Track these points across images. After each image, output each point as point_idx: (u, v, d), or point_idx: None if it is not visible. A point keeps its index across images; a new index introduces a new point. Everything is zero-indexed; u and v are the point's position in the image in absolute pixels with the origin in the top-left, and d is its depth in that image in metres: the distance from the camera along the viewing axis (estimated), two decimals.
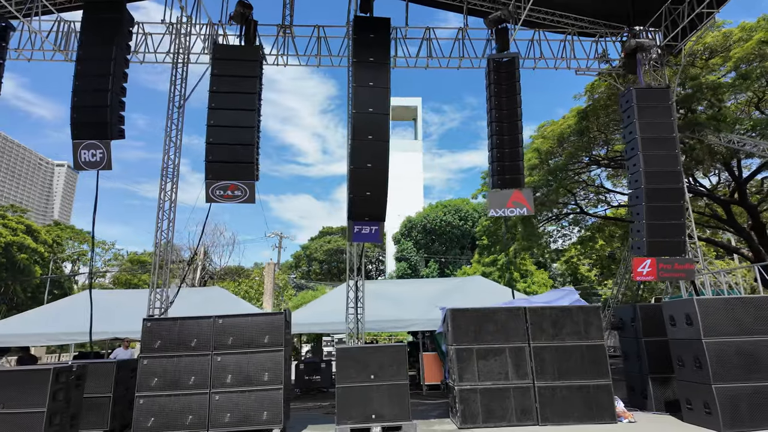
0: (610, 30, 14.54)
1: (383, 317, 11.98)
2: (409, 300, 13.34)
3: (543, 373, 7.77)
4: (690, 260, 8.90)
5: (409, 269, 57.81)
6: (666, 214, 8.74)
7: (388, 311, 12.29)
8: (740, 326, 7.09)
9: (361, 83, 8.94)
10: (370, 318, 12.61)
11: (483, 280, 14.89)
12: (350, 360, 7.68)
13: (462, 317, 8.01)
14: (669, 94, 9.41)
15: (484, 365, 7.83)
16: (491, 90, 9.48)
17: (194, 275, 31.17)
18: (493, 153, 9.15)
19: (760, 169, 15.72)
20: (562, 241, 29.34)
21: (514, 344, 7.90)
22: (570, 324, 7.98)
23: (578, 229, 27.18)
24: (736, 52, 12.51)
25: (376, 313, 12.42)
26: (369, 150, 8.72)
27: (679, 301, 7.64)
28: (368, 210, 8.95)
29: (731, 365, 6.94)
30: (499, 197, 9.04)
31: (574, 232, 27.97)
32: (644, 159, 8.82)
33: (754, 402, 6.80)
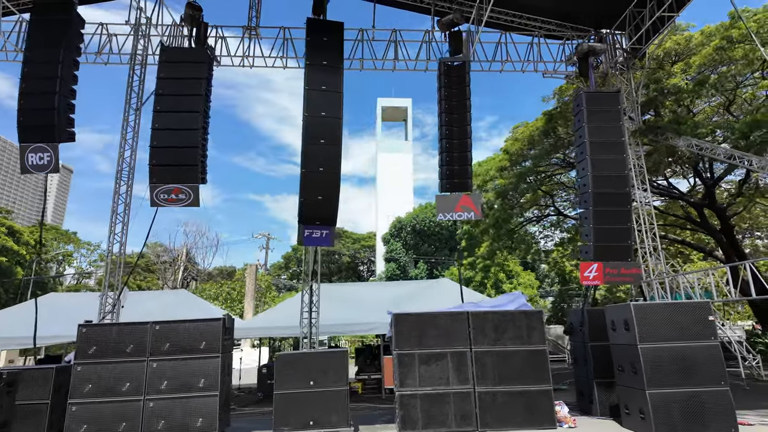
0: (578, 33, 14.57)
1: (344, 320, 11.94)
2: (373, 302, 13.30)
3: (484, 378, 7.75)
4: (637, 264, 8.91)
5: (398, 270, 57.82)
6: (613, 219, 8.75)
7: (350, 314, 12.25)
8: (677, 331, 7.09)
9: (313, 86, 8.90)
10: (331, 321, 12.57)
11: (450, 283, 14.87)
12: (290, 366, 7.63)
13: (404, 322, 7.97)
14: (619, 98, 9.42)
15: (425, 370, 7.80)
16: (441, 93, 9.46)
17: (175, 276, 31.02)
18: (443, 157, 9.13)
19: (727, 173, 15.80)
20: (544, 242, 29.43)
21: (456, 349, 7.87)
22: (512, 329, 7.96)
23: (559, 231, 27.29)
24: (695, 60, 12.55)
25: (337, 316, 12.39)
26: (321, 154, 8.68)
27: (619, 306, 7.64)
28: (319, 214, 8.90)
29: (666, 371, 6.93)
30: (447, 201, 9.02)
31: (556, 233, 28.08)
32: (592, 163, 8.82)
33: (689, 408, 6.80)
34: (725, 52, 11.84)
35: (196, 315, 12.66)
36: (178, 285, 31.26)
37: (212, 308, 14.76)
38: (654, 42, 13.44)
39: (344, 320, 11.77)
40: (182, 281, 31.68)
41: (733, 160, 10.76)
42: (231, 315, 8.13)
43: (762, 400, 9.50)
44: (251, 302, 27.99)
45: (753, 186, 19.60)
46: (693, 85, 12.37)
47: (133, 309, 11.95)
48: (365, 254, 69.40)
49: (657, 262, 12.64)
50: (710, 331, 7.07)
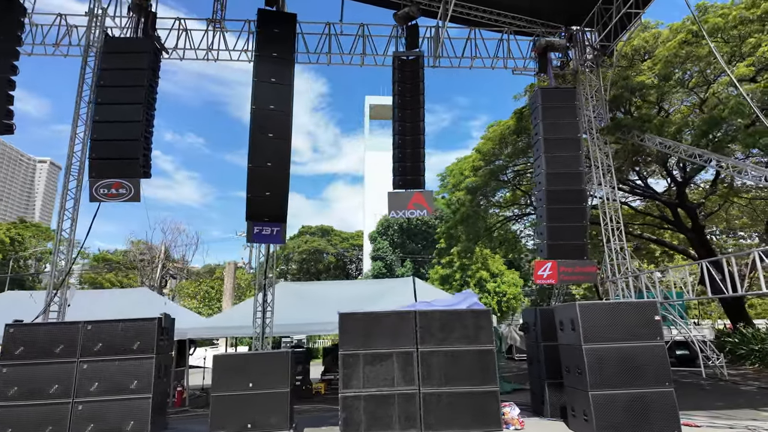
0: (548, 29, 14.41)
1: (304, 320, 11.71)
2: (339, 301, 13.05)
3: (429, 378, 7.54)
4: (592, 263, 8.76)
5: (384, 268, 57.63)
6: (567, 217, 8.59)
7: (311, 313, 12.00)
8: (622, 331, 6.95)
9: (262, 78, 8.66)
10: (290, 321, 12.33)
11: (418, 282, 14.67)
12: (228, 367, 7.39)
13: (350, 322, 7.75)
14: (575, 95, 9.26)
15: (370, 371, 7.58)
16: (395, 89, 9.24)
17: (153, 275, 30.57)
18: (395, 153, 8.92)
19: (696, 172, 15.76)
20: (525, 241, 29.35)
21: (402, 349, 7.66)
22: (460, 328, 7.76)
23: None
24: (660, 52, 12.43)
25: (298, 315, 12.16)
26: (269, 148, 8.45)
27: (566, 305, 7.48)
28: (267, 210, 8.67)
29: (610, 372, 6.79)
30: (399, 199, 8.81)
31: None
32: (546, 161, 8.65)
33: (632, 410, 6.66)
34: (690, 47, 11.73)
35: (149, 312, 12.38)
36: (156, 283, 30.80)
37: (179, 308, 14.45)
38: (622, 39, 13.34)
39: (304, 320, 11.54)
40: (161, 279, 31.21)
41: (694, 158, 10.68)
42: (169, 315, 7.86)
43: (718, 401, 9.43)
44: (230, 301, 27.63)
45: (728, 185, 19.67)
46: (657, 81, 12.26)
47: (87, 308, 11.62)
48: (354, 253, 69.10)
49: (623, 260, 12.55)
50: (656, 331, 6.94)
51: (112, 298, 13.81)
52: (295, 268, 66.59)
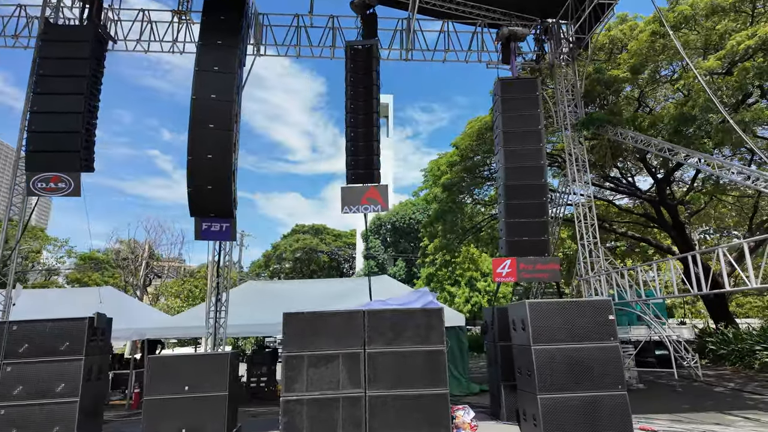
0: (522, 22, 14.05)
1: (264, 320, 11.37)
2: (308, 300, 12.74)
3: (377, 381, 7.19)
4: (554, 260, 8.42)
5: (376, 267, 57.26)
6: (528, 212, 8.26)
7: (273, 313, 11.61)
8: (575, 331, 6.62)
9: (204, 67, 8.29)
10: (253, 321, 11.98)
11: (390, 280, 14.35)
12: (164, 370, 7.03)
13: (295, 321, 7.40)
14: (536, 85, 8.91)
15: (314, 373, 7.22)
16: (347, 79, 8.88)
17: (136, 273, 30.16)
18: (348, 146, 8.55)
19: (675, 169, 15.45)
20: None
21: (349, 350, 7.31)
22: (411, 328, 7.41)
23: None
24: (632, 45, 12.10)
25: (261, 315, 11.82)
26: (210, 140, 8.08)
27: (518, 303, 7.15)
28: (212, 205, 8.31)
29: (561, 374, 6.46)
30: (353, 194, 8.45)
31: None
32: (505, 154, 8.30)
33: (583, 414, 6.33)
34: (664, 39, 11.39)
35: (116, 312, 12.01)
36: (140, 282, 30.40)
37: (142, 308, 14.08)
38: (596, 31, 13.00)
39: (265, 320, 11.20)
40: (144, 278, 30.82)
41: (664, 153, 10.35)
42: (105, 314, 7.50)
43: (686, 403, 9.11)
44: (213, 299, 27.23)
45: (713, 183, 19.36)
46: (630, 73, 11.93)
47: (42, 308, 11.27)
48: (348, 251, 68.76)
49: (597, 258, 12.23)
50: (610, 331, 6.61)
51: (73, 297, 13.43)
52: (288, 267, 66.22)
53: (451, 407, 7.89)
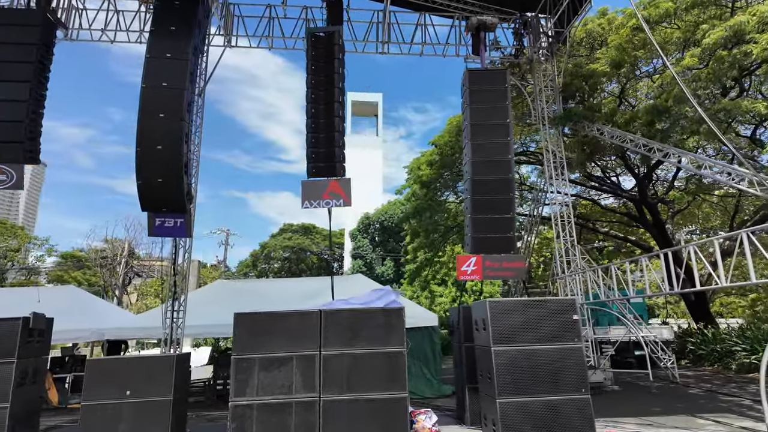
0: (501, 15, 13.74)
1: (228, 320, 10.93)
2: (275, 299, 12.32)
3: (332, 384, 6.82)
4: (520, 258, 8.11)
5: (364, 267, 56.85)
6: (494, 208, 7.94)
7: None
8: (537, 332, 6.30)
9: (156, 54, 7.86)
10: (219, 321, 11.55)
11: (364, 279, 14.01)
12: (104, 373, 6.62)
13: (246, 322, 7.02)
14: (506, 77, 8.60)
15: (266, 377, 6.84)
16: (308, 67, 8.50)
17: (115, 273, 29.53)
18: (308, 138, 8.17)
19: (655, 167, 15.25)
20: None
21: (303, 352, 6.94)
22: (370, 329, 7.04)
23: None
24: (612, 39, 11.86)
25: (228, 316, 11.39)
26: (160, 130, 7.66)
27: (480, 302, 6.82)
28: (163, 199, 7.88)
29: (521, 377, 6.13)
30: (314, 188, 8.08)
31: None
32: (472, 148, 7.98)
33: (544, 419, 6.01)
34: (643, 33, 11.13)
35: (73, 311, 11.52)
36: (119, 282, 29.76)
37: (106, 307, 13.58)
38: (574, 24, 12.74)
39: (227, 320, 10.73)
40: (124, 277, 30.17)
41: (639, 148, 10.11)
42: (43, 315, 7.05)
43: (658, 405, 8.85)
44: None
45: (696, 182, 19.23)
46: (609, 68, 11.70)
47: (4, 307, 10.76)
48: (338, 251, 68.24)
49: (574, 257, 11.97)
50: (573, 332, 6.30)
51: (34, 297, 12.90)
52: (276, 267, 65.66)
53: (413, 411, 7.57)
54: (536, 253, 30.61)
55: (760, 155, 17.00)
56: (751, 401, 8.89)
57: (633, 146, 10.14)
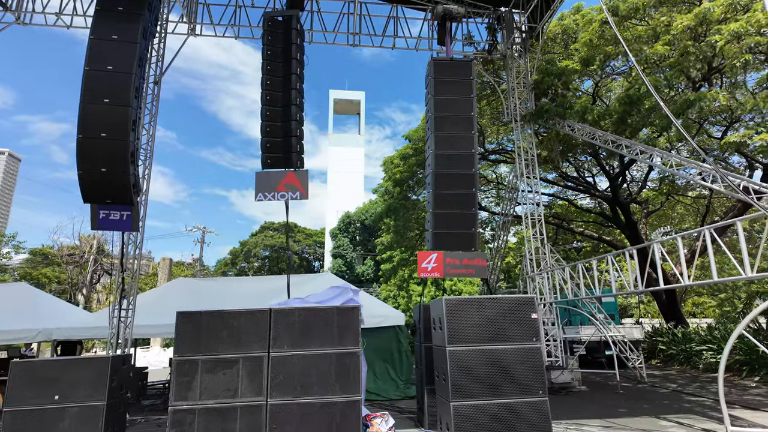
0: (475, 10, 13.55)
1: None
2: (234, 298, 11.87)
3: (281, 387, 6.43)
4: (482, 255, 7.85)
5: (344, 266, 56.51)
6: (456, 203, 7.65)
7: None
8: (494, 331, 6.02)
9: (101, 35, 7.39)
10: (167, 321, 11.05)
11: (332, 278, 13.62)
12: (30, 376, 6.12)
13: (189, 322, 6.57)
14: (471, 69, 8.34)
15: (210, 380, 6.41)
16: (264, 52, 8.09)
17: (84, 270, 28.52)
18: (263, 126, 7.76)
19: (627, 166, 15.24)
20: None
21: (250, 353, 6.53)
22: (323, 328, 6.67)
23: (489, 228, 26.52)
24: (583, 36, 11.75)
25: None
26: (105, 116, 7.17)
27: (437, 300, 6.52)
28: (107, 190, 7.39)
29: (476, 378, 5.84)
30: (268, 179, 7.67)
31: (487, 230, 27.30)
32: (436, 140, 7.68)
33: (498, 422, 5.74)
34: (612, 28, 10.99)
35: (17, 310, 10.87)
36: (86, 280, 28.75)
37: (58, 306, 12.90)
38: (547, 20, 12.59)
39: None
40: (92, 275, 29.16)
41: (607, 144, 9.97)
42: None
43: (623, 407, 8.69)
44: None
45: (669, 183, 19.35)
46: (581, 64, 11.57)
47: None
48: (320, 250, 67.75)
49: (543, 255, 11.80)
50: (532, 331, 6.04)
51: None
52: (257, 265, 64.82)
53: (368, 415, 7.24)
54: (515, 252, 30.68)
55: (731, 156, 17.15)
56: (712, 401, 8.81)
57: (602, 142, 10.00)
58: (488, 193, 23.23)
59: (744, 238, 6.04)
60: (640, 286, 7.66)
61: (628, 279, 8.35)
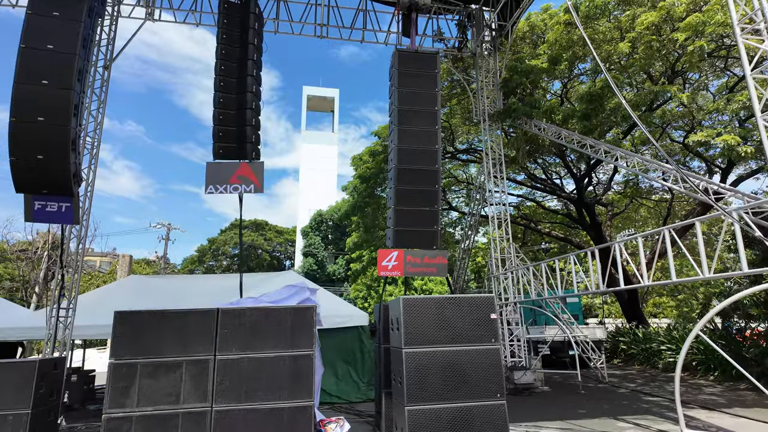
0: (445, 6, 13.38)
1: None
2: (190, 297, 11.34)
3: (228, 392, 6.04)
4: (443, 253, 7.65)
5: (315, 265, 55.86)
6: (419, 200, 7.43)
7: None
8: (451, 333, 5.80)
9: (40, 11, 6.80)
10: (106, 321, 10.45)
11: (295, 276, 13.23)
12: None
13: (129, 322, 6.10)
14: (437, 62, 8.14)
15: (150, 385, 5.95)
16: (219, 36, 7.66)
17: (34, 267, 27.05)
18: (215, 114, 7.33)
19: (593, 167, 15.44)
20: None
21: (195, 356, 6.11)
22: (275, 329, 6.32)
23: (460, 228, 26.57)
24: (550, 36, 11.77)
25: None
26: (42, 99, 6.60)
27: (395, 300, 6.27)
28: (43, 179, 6.81)
29: (432, 381, 5.61)
30: (220, 171, 7.25)
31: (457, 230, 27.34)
32: (399, 134, 7.42)
33: (454, 427, 5.52)
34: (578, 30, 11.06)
35: None
36: (39, 277, 27.27)
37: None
38: (516, 18, 12.54)
39: None
40: (46, 272, 27.67)
41: (573, 144, 9.98)
42: None
43: (583, 407, 8.66)
44: None
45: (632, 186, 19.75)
46: (548, 64, 11.57)
47: None
48: (292, 248, 66.78)
49: (509, 255, 11.73)
50: (490, 332, 5.85)
51: None
52: (225, 264, 63.40)
53: (322, 420, 6.92)
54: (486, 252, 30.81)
55: (691, 161, 17.60)
56: (670, 401, 8.90)
57: (567, 142, 9.99)
58: (459, 193, 23.24)
59: (702, 239, 6.04)
60: (602, 286, 7.62)
61: (590, 279, 8.33)
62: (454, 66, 14.11)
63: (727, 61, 12.56)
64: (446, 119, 16.24)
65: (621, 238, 7.10)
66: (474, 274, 41.96)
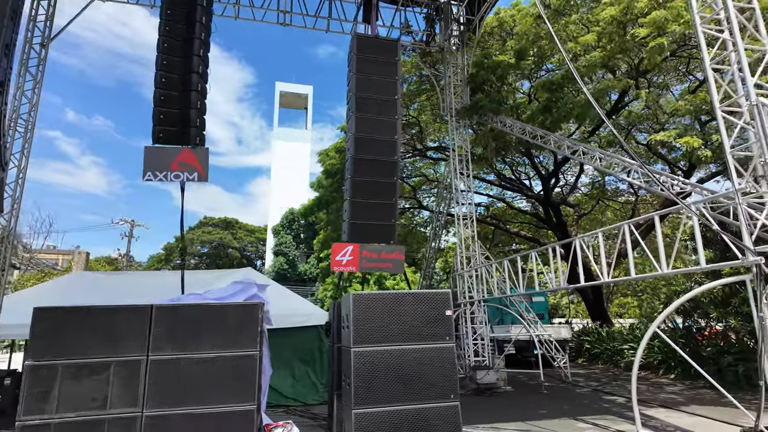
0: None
1: None
2: (136, 294, 10.65)
3: (161, 396, 5.52)
4: (399, 249, 7.33)
5: (286, 264, 55.00)
6: (376, 193, 7.09)
7: None
8: (403, 330, 5.46)
9: None
10: None
11: (255, 274, 12.66)
12: None
13: (50, 319, 5.53)
14: (397, 49, 7.83)
15: (72, 389, 5.38)
16: (163, 12, 7.10)
17: None
18: (156, 95, 6.79)
19: (559, 166, 15.49)
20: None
21: (124, 357, 5.57)
22: (216, 327, 5.85)
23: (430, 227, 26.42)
24: (518, 29, 11.67)
25: None
26: None
27: (346, 297, 5.90)
28: None
29: (382, 382, 5.26)
30: (159, 156, 6.70)
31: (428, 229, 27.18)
32: (357, 122, 7.06)
33: (405, 429, 5.19)
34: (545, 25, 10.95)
35: None
36: None
37: None
38: (484, 13, 12.38)
39: None
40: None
41: (536, 140, 9.86)
42: None
43: (544, 407, 8.49)
44: None
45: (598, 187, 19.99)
46: (515, 59, 11.46)
47: None
48: (263, 248, 65.57)
49: (474, 253, 11.53)
50: (445, 330, 5.55)
51: None
52: (194, 263, 61.67)
53: (267, 425, 6.48)
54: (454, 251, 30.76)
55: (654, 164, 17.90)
56: (629, 400, 8.77)
57: (531, 137, 9.86)
58: (430, 192, 23.06)
59: (662, 234, 5.91)
60: (562, 282, 7.45)
61: (552, 275, 8.17)
62: (423, 60, 13.86)
63: (689, 64, 12.77)
64: (416, 116, 15.99)
65: (582, 235, 6.94)
66: (446, 274, 41.98)
